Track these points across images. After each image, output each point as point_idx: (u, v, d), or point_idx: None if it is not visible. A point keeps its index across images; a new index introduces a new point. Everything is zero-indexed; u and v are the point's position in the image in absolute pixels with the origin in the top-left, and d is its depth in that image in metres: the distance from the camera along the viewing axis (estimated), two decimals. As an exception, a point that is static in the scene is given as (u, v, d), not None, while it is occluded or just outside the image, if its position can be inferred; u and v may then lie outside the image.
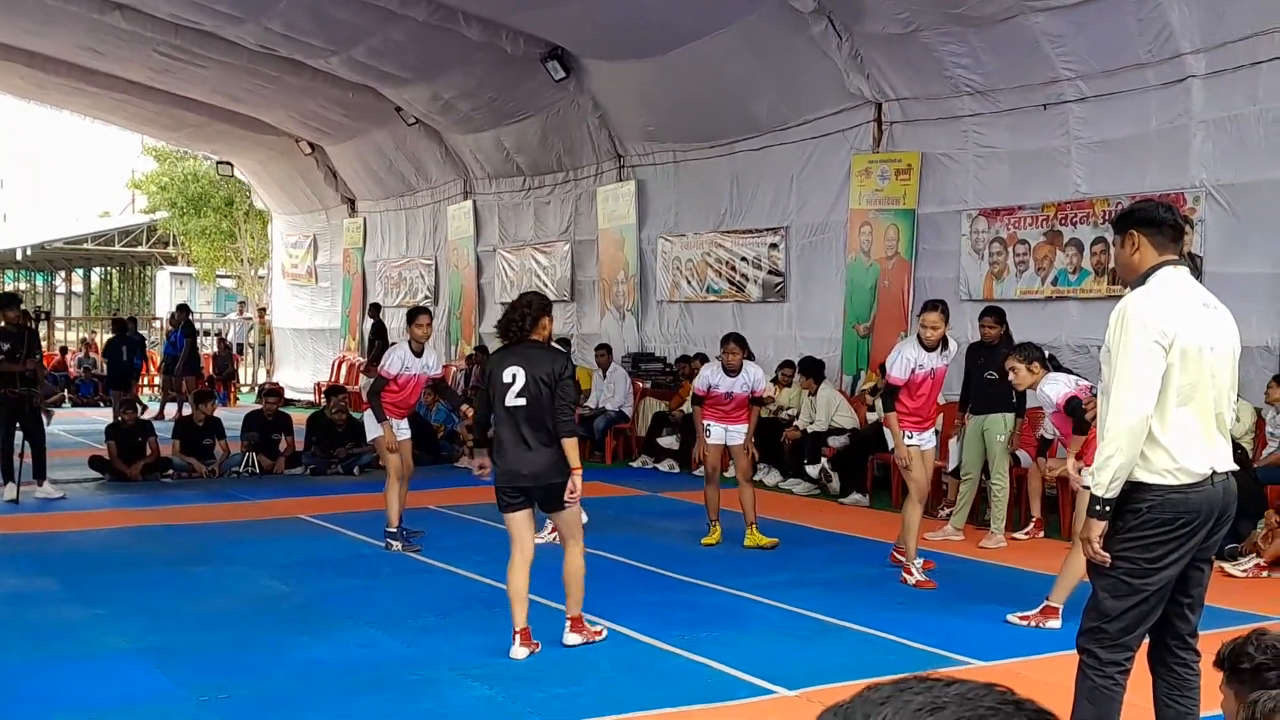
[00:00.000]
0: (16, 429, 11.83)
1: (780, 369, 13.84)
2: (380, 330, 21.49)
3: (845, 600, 7.73)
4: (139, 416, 14.52)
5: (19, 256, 40.89)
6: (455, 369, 18.24)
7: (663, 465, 14.44)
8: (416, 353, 9.63)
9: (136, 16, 16.58)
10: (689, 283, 16.33)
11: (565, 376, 6.41)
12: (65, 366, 26.04)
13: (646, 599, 7.83)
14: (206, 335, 28.68)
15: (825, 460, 12.39)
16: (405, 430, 9.79)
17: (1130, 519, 4.21)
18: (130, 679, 6.07)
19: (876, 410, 12.22)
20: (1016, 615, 7.23)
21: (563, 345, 11.45)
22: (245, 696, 5.77)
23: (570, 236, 18.69)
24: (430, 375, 9.84)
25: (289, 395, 21.52)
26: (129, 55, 18.61)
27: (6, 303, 12.34)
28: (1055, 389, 8.04)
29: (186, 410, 18.29)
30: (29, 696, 5.76)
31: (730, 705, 5.72)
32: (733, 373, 9.57)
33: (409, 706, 5.63)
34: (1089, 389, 8.16)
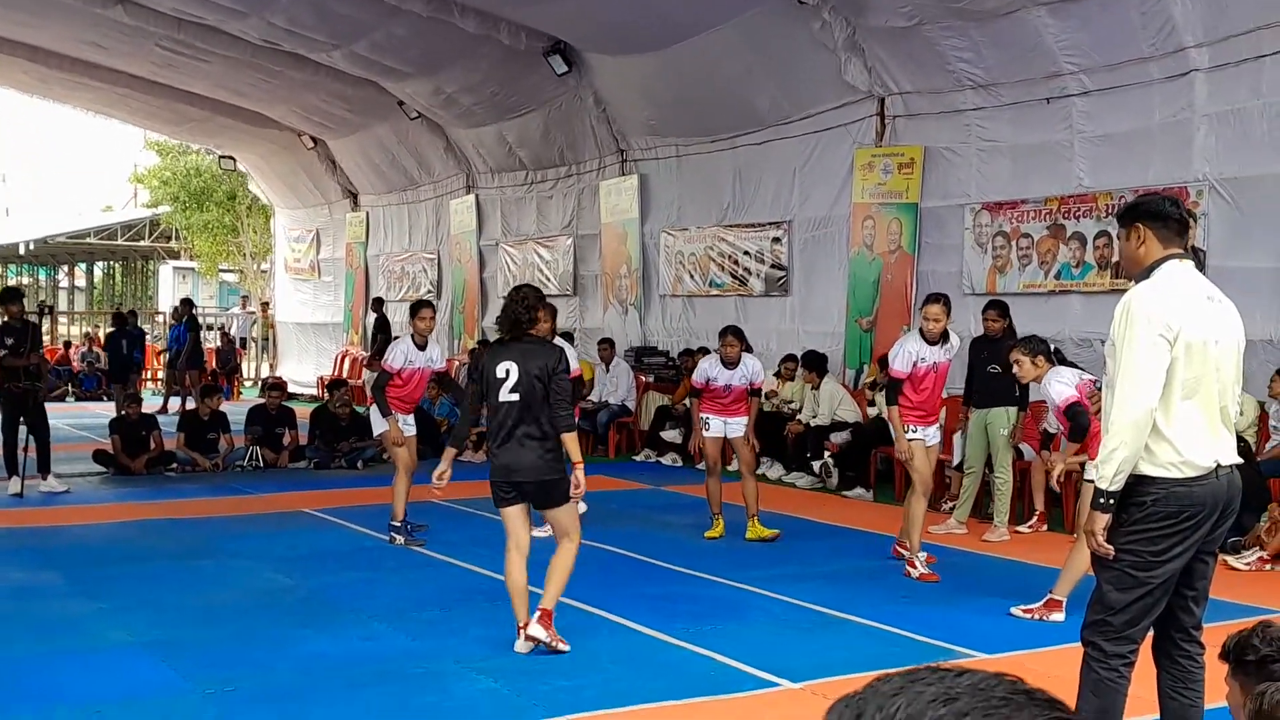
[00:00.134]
0: (21, 423, 11.86)
1: (783, 363, 13.84)
2: (383, 325, 21.50)
3: (849, 593, 7.74)
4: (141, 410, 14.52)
5: (22, 251, 40.88)
6: (458, 363, 18.23)
7: (665, 459, 14.45)
8: (420, 346, 9.64)
9: (139, 11, 16.57)
10: (691, 277, 16.33)
11: (559, 371, 6.38)
12: (69, 361, 26.09)
13: (650, 592, 7.84)
14: (210, 330, 28.70)
15: (828, 455, 12.40)
16: (411, 426, 9.79)
17: (1135, 512, 4.21)
18: (135, 672, 6.09)
19: (877, 405, 12.23)
20: (1020, 608, 7.24)
21: (567, 339, 11.45)
22: (250, 689, 5.78)
23: (573, 231, 18.69)
24: (434, 369, 9.85)
25: (292, 389, 21.54)
26: (132, 50, 18.61)
27: (9, 297, 12.36)
28: (1058, 389, 7.98)
29: (190, 404, 18.33)
30: (33, 690, 5.77)
31: (734, 698, 5.73)
32: (731, 365, 9.58)
33: (413, 699, 5.64)
34: (1093, 382, 8.16)
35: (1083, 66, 11.14)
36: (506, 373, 6.35)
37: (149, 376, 26.47)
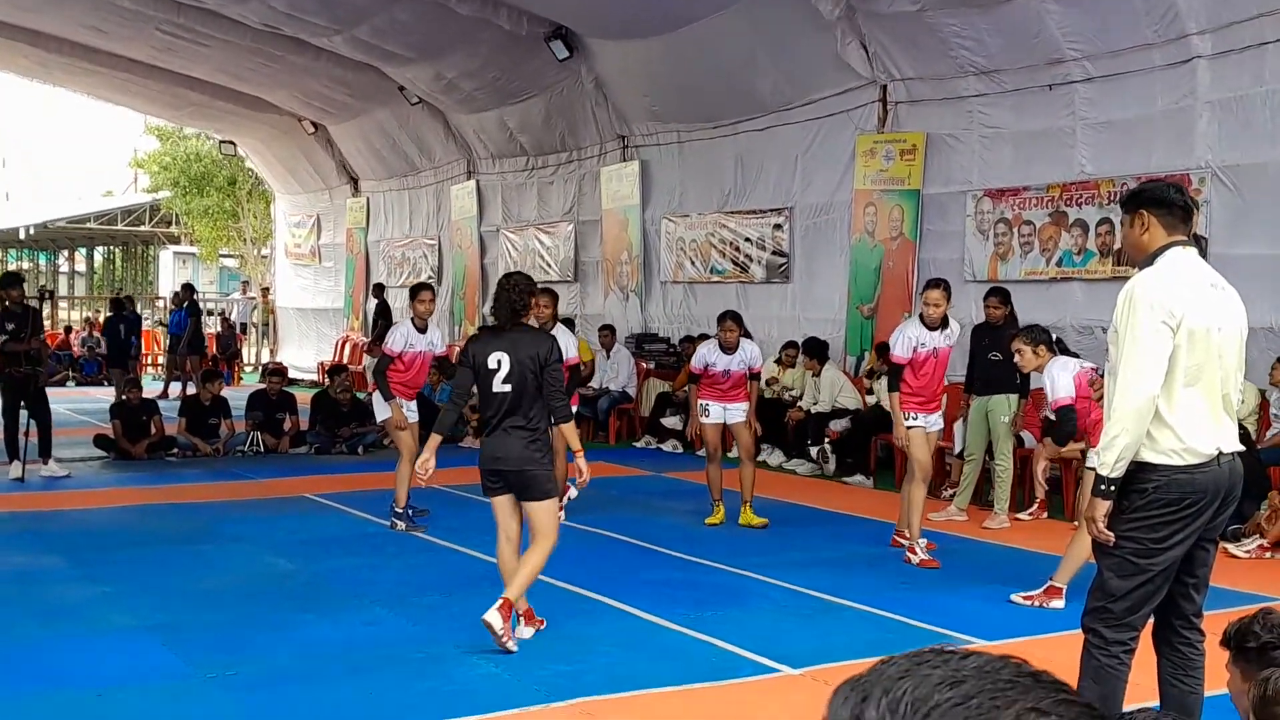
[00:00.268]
0: (22, 408, 11.87)
1: (784, 350, 13.83)
2: (384, 310, 21.49)
3: (849, 579, 7.75)
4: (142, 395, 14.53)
5: (22, 236, 40.86)
6: (459, 349, 18.21)
7: (666, 445, 14.47)
8: (420, 329, 9.62)
9: (139, -6, 16.55)
10: (693, 263, 16.32)
11: (553, 361, 6.31)
12: (69, 346, 26.12)
13: (650, 578, 7.85)
14: (210, 315, 28.68)
15: (827, 442, 12.41)
16: (414, 411, 9.77)
17: (1136, 499, 4.21)
18: (137, 656, 6.09)
19: (875, 393, 12.23)
20: (1020, 595, 7.25)
21: (567, 325, 11.42)
22: (252, 674, 5.79)
23: (574, 217, 18.67)
24: (435, 353, 9.84)
25: (292, 375, 21.53)
26: (132, 34, 18.56)
27: (10, 282, 12.36)
28: (1056, 384, 7.93)
29: (191, 389, 18.33)
30: (37, 674, 5.78)
31: (735, 683, 5.73)
32: (730, 351, 9.57)
33: (415, 684, 5.65)
34: (1094, 370, 8.16)
35: (1085, 53, 11.11)
36: (499, 363, 6.27)
37: (149, 361, 26.49)
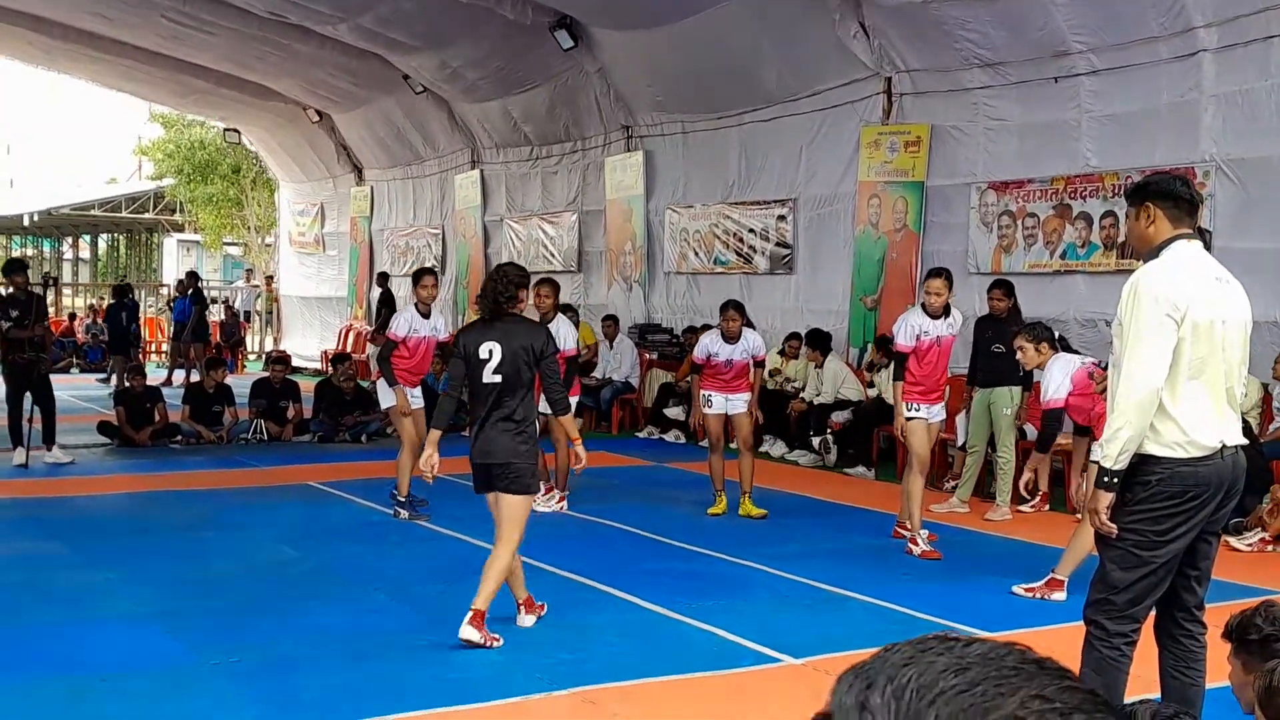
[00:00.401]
0: (26, 394, 11.88)
1: (787, 341, 13.83)
2: (388, 299, 21.48)
3: (850, 570, 7.76)
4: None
5: (26, 222, 40.91)
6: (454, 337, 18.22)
7: (669, 436, 14.48)
8: (424, 314, 9.62)
9: (145, -18, 16.53)
10: (696, 254, 16.31)
11: (549, 354, 6.29)
12: (73, 333, 26.15)
13: (653, 568, 7.86)
14: (214, 303, 28.69)
15: (829, 433, 12.42)
16: (418, 399, 9.77)
17: (1139, 491, 4.22)
18: (141, 643, 6.11)
19: (876, 386, 12.23)
20: (1022, 587, 7.25)
21: (569, 313, 11.41)
22: (255, 661, 5.81)
23: (578, 207, 18.66)
24: (439, 339, 9.84)
25: (296, 363, 21.54)
26: (137, 21, 18.53)
27: (14, 269, 12.37)
28: (1050, 384, 7.87)
29: (194, 377, 18.36)
30: (40, 660, 5.80)
31: (736, 673, 5.75)
32: (732, 340, 9.58)
33: (418, 672, 5.67)
34: (1096, 363, 8.15)
35: (1091, 46, 11.09)
36: (490, 353, 6.22)
37: (154, 349, 26.51)
